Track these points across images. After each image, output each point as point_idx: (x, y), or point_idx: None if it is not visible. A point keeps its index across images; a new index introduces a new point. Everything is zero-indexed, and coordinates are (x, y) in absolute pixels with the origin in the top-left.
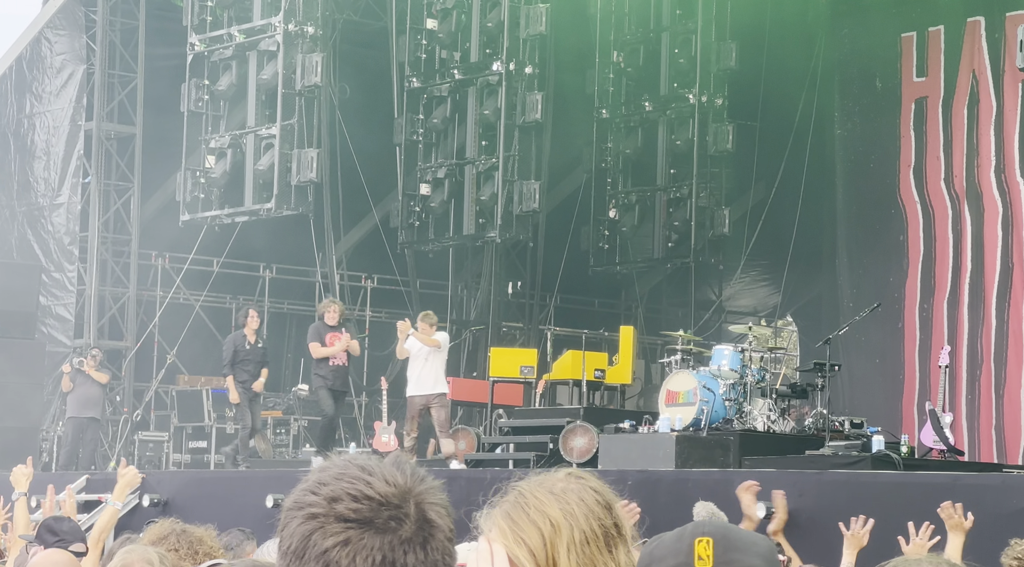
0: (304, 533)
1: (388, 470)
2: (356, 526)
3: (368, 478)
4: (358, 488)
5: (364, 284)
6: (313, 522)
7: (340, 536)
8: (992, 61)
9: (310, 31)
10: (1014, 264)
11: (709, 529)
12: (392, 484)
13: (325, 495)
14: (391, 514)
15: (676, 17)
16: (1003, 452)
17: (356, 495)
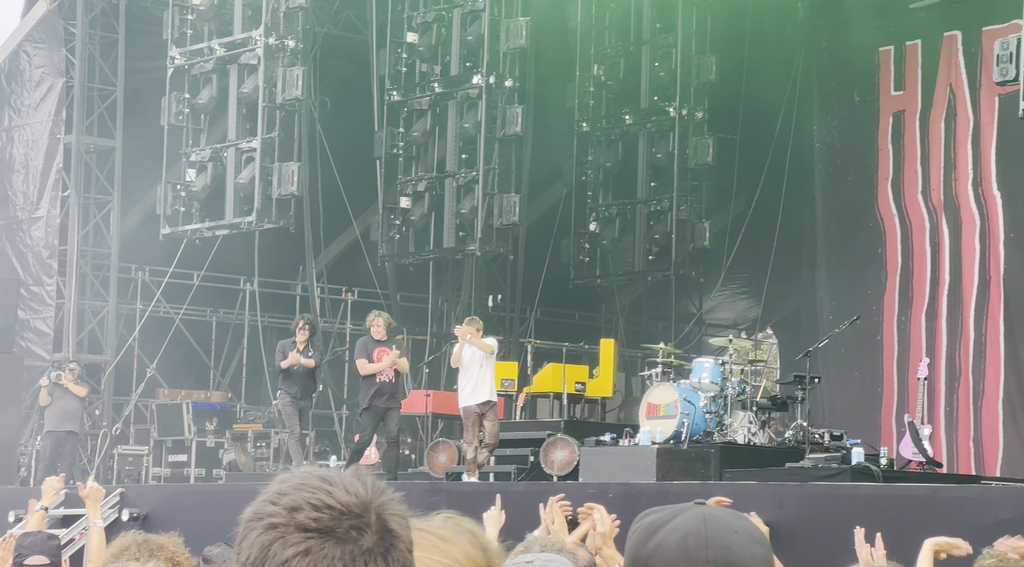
0: (263, 543)
1: (349, 480)
2: (317, 536)
3: (329, 488)
4: (319, 497)
5: (344, 297)
6: (273, 532)
7: (300, 546)
8: (969, 75)
9: (291, 45)
10: (991, 277)
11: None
12: (353, 494)
13: (285, 505)
14: (352, 524)
15: (656, 31)
16: (981, 464)
17: (317, 504)
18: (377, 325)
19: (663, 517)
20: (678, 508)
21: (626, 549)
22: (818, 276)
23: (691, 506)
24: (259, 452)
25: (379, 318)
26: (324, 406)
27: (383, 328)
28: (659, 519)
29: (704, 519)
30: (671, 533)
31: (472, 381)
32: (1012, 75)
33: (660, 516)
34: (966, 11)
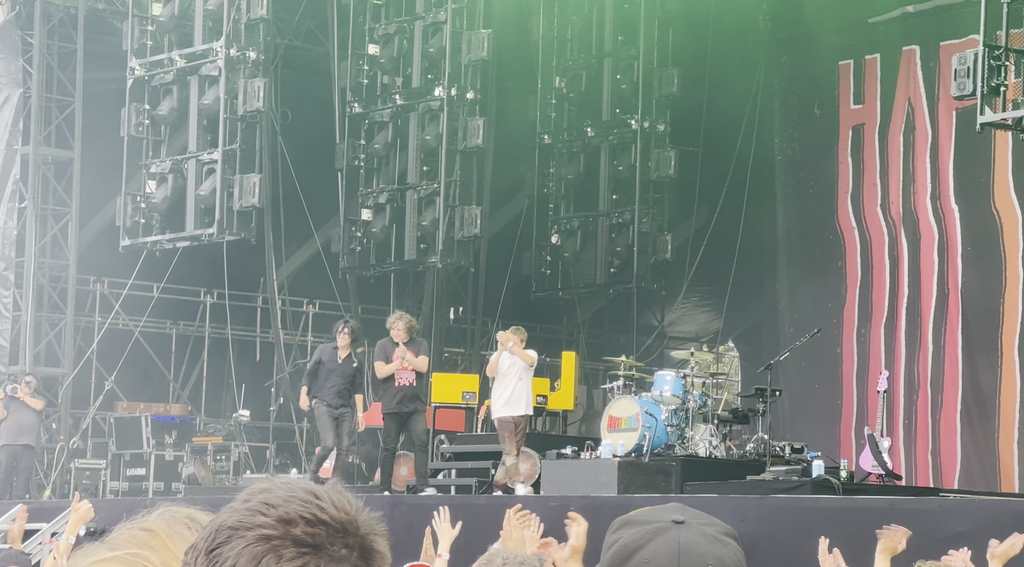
0: (254, 555)
1: (335, 496)
2: (311, 552)
3: (319, 503)
4: (312, 512)
5: (306, 309)
6: (266, 544)
7: (296, 561)
8: (927, 89)
9: (252, 56)
10: (950, 290)
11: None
12: (342, 511)
13: (277, 516)
14: (344, 541)
15: (618, 43)
16: (939, 476)
17: (311, 519)
18: (397, 328)
19: (638, 539)
20: (653, 530)
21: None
22: (779, 289)
23: (668, 527)
24: (219, 465)
25: (400, 320)
26: (285, 419)
27: (404, 331)
28: (633, 541)
29: (679, 551)
30: (644, 565)
31: (508, 392)
32: (969, 90)
33: (635, 537)
34: (924, 26)
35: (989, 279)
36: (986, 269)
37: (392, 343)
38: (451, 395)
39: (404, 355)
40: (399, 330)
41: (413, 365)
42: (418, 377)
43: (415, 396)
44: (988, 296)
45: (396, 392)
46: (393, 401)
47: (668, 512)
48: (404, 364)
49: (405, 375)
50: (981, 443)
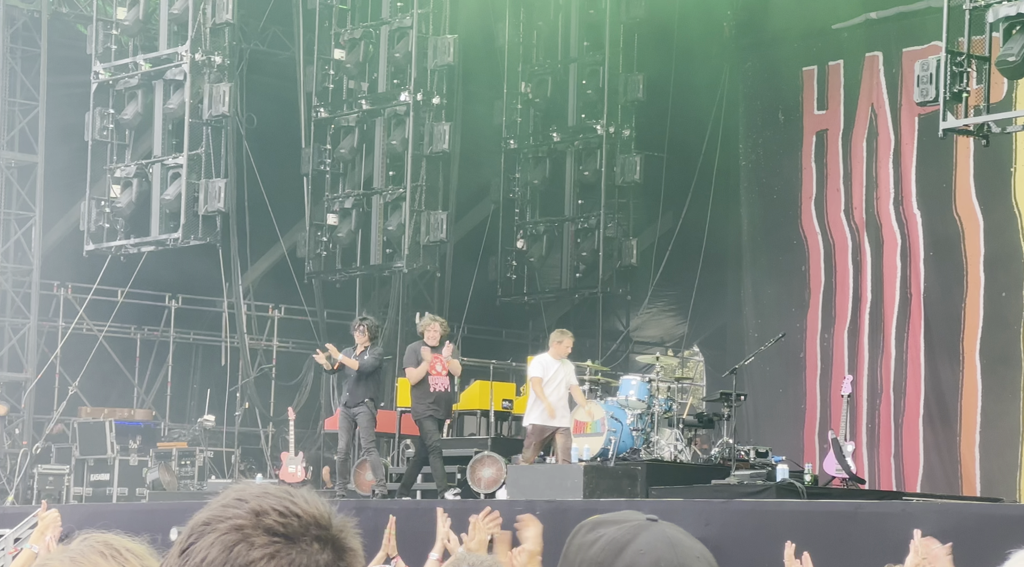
0: (226, 543)
1: (308, 495)
2: (283, 541)
3: (291, 498)
4: (284, 504)
5: (271, 314)
6: (237, 534)
7: (268, 548)
8: (890, 95)
9: (217, 60)
10: (912, 295)
11: None
12: (314, 507)
13: (249, 508)
14: (317, 534)
15: (584, 49)
16: (902, 480)
17: (283, 511)
18: (432, 330)
19: (624, 534)
20: (636, 526)
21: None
22: (744, 294)
23: (645, 523)
24: (183, 470)
25: (435, 322)
26: (250, 424)
27: (439, 334)
28: (621, 535)
29: (670, 543)
30: (640, 556)
31: (552, 399)
32: (932, 96)
33: (621, 532)
34: (887, 32)
35: (951, 284)
36: (948, 274)
37: (425, 347)
38: None
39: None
40: (434, 333)
41: (449, 368)
42: (451, 381)
43: (448, 405)
44: (950, 301)
45: (431, 397)
46: (427, 404)
47: (635, 514)
48: (439, 369)
49: (440, 381)
50: (943, 447)
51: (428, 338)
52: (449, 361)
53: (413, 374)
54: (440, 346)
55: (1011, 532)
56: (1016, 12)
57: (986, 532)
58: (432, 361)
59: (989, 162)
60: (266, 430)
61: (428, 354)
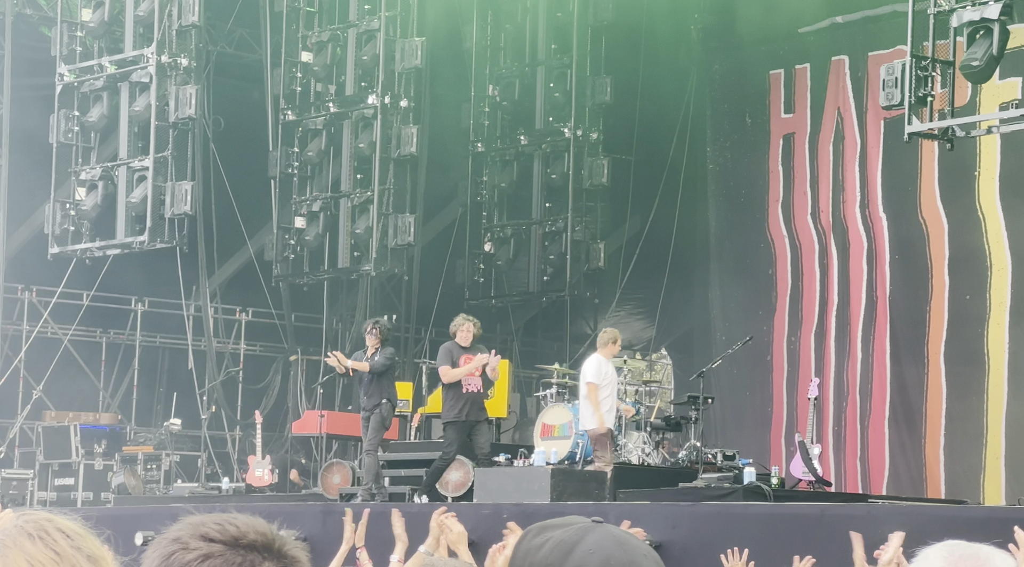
0: (164, 554)
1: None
2: (220, 545)
3: (233, 519)
4: (224, 518)
5: (238, 318)
6: (175, 543)
7: (203, 550)
8: (856, 99)
9: (183, 63)
10: (878, 298)
11: None
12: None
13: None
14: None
15: (551, 51)
16: (868, 482)
17: (221, 523)
18: (465, 330)
19: (572, 535)
20: (582, 528)
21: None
22: (711, 297)
23: (590, 524)
24: (149, 474)
25: (468, 322)
26: (217, 427)
27: (471, 334)
28: (569, 537)
29: (618, 542)
30: (590, 555)
31: (612, 401)
32: (897, 100)
33: (568, 534)
34: (852, 36)
35: (916, 287)
36: (913, 277)
37: (459, 347)
38: None
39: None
40: (466, 333)
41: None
42: (484, 384)
43: (481, 405)
44: (915, 304)
45: (462, 399)
46: (456, 408)
47: (579, 518)
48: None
49: (473, 381)
50: (908, 449)
51: (460, 339)
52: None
53: (449, 374)
54: (471, 347)
55: (975, 534)
56: (980, 17)
57: (950, 534)
58: (466, 361)
59: (953, 166)
60: (233, 433)
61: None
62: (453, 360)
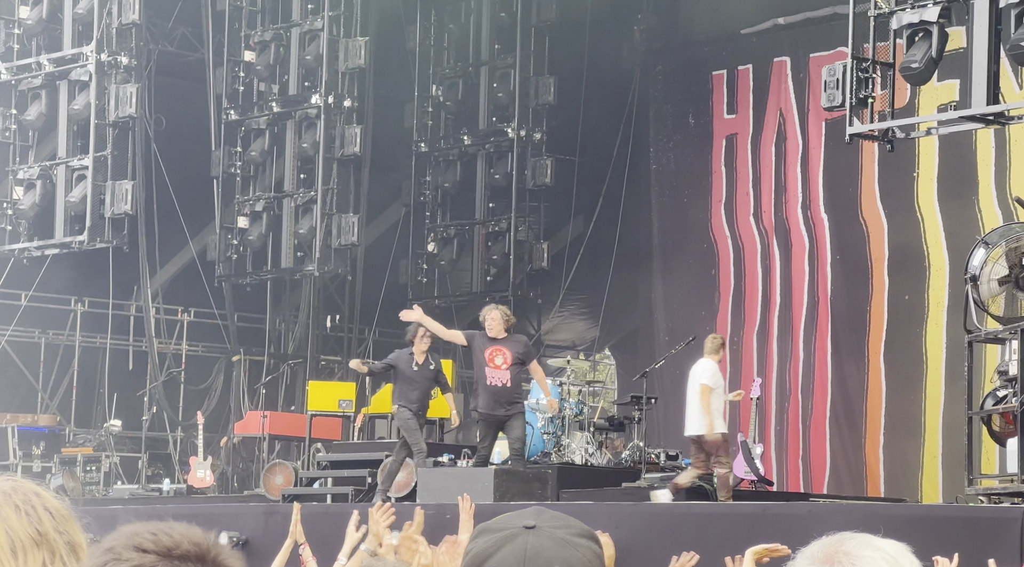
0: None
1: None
2: (154, 555)
3: (168, 529)
4: (159, 528)
5: (180, 318)
6: (108, 554)
7: (136, 560)
8: (798, 100)
9: (124, 61)
10: (820, 298)
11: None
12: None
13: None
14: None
15: (495, 52)
16: (809, 481)
17: (156, 532)
18: (493, 318)
19: (488, 547)
20: (504, 537)
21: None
22: (654, 297)
23: (518, 533)
24: (89, 476)
25: (495, 310)
26: (159, 428)
27: (500, 323)
28: (484, 550)
29: (524, 557)
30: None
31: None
32: (838, 101)
33: (486, 545)
34: (794, 38)
35: (856, 287)
36: (854, 278)
37: (487, 338)
38: (327, 403)
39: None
40: (495, 322)
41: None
42: (514, 378)
43: (511, 399)
44: (856, 304)
45: (485, 393)
46: (479, 401)
47: (523, 517)
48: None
49: (498, 374)
50: (849, 449)
51: (489, 329)
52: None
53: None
54: (508, 338)
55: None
56: (919, 19)
57: (890, 533)
58: (491, 353)
59: (893, 167)
60: (174, 435)
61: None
62: (480, 352)
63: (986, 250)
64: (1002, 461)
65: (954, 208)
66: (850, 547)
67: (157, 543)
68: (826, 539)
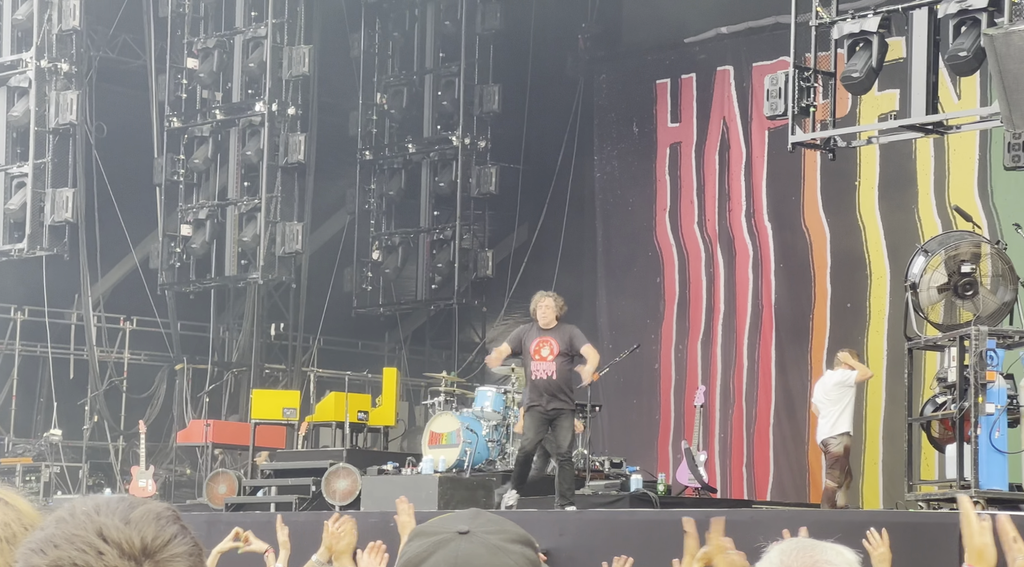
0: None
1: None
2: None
3: (102, 547)
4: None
5: (123, 326)
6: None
7: None
8: (741, 109)
9: (64, 68)
10: (764, 306)
11: None
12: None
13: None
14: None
15: (439, 60)
16: (753, 489)
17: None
18: (546, 306)
19: (420, 553)
20: (436, 542)
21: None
22: (599, 305)
23: (451, 539)
24: (28, 487)
25: (547, 298)
26: (100, 438)
27: (553, 311)
28: (416, 555)
29: (455, 564)
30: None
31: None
32: (781, 110)
33: (419, 551)
34: (737, 47)
35: (799, 295)
36: (797, 286)
37: (538, 328)
38: (271, 411)
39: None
40: (548, 310)
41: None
42: (560, 370)
43: (553, 392)
44: (799, 312)
45: (532, 388)
46: (527, 396)
47: (459, 521)
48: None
49: (543, 366)
50: (792, 456)
51: (542, 317)
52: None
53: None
54: (557, 328)
55: (855, 538)
56: (859, 30)
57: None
58: (538, 345)
59: (835, 175)
60: (116, 444)
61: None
62: (523, 343)
63: (925, 258)
64: (941, 467)
65: (895, 217)
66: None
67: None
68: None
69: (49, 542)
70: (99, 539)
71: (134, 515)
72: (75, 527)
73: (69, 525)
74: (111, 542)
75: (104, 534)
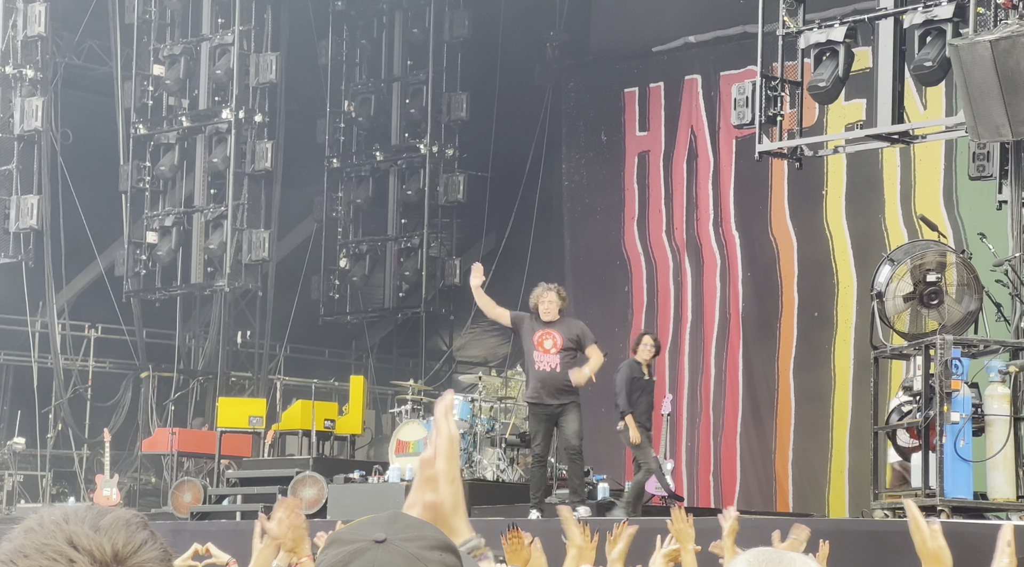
0: None
1: (97, 542)
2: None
3: (73, 555)
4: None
5: (88, 334)
6: None
7: None
8: (708, 118)
9: (29, 74)
10: (731, 315)
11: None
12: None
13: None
14: None
15: (407, 68)
16: (720, 497)
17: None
18: (549, 301)
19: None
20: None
21: None
22: (566, 314)
23: (367, 547)
24: None
25: (550, 291)
26: (63, 446)
27: (556, 305)
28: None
29: None
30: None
31: None
32: (748, 119)
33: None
34: (704, 56)
35: (767, 304)
36: (764, 295)
37: (539, 321)
38: (238, 420)
39: None
40: (551, 304)
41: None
42: (564, 364)
43: (559, 387)
44: (766, 321)
45: (533, 379)
46: (530, 390)
47: (376, 527)
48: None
49: (547, 359)
50: (759, 464)
51: (545, 312)
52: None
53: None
54: (561, 322)
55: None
56: (826, 39)
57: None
58: (541, 336)
59: (802, 184)
60: (80, 452)
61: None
62: (518, 328)
63: (891, 267)
64: None
65: (861, 226)
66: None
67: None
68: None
69: (19, 552)
70: (70, 547)
71: (103, 522)
72: (44, 536)
73: (39, 535)
74: (82, 550)
75: (75, 542)
